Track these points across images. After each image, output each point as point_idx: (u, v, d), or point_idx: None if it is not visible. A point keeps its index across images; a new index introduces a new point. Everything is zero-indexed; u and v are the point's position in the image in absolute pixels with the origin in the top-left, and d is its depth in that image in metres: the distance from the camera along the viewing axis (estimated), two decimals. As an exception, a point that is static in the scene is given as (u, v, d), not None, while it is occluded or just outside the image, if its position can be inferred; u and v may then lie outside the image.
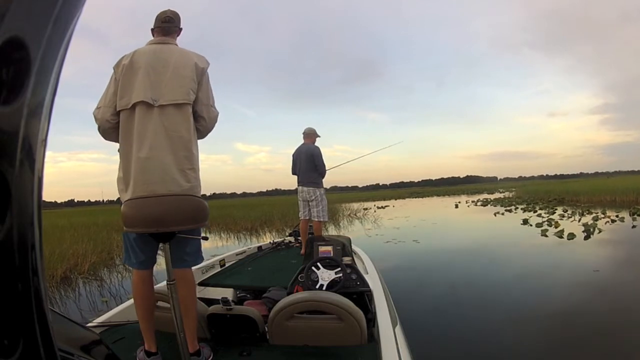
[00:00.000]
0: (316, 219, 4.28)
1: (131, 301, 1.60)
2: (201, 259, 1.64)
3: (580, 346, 2.67)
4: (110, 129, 1.49)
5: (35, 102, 0.30)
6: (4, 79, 0.27)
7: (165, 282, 1.37)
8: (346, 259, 2.21)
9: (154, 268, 1.62)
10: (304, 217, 4.40)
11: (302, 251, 3.81)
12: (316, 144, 4.46)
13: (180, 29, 1.65)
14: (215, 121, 1.61)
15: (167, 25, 1.58)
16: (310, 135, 4.46)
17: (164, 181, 1.39)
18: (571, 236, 7.25)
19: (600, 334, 2.81)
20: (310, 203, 4.32)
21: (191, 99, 1.49)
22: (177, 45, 1.59)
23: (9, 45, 0.27)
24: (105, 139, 1.53)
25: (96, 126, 1.51)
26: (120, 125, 1.47)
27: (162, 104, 1.43)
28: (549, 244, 6.90)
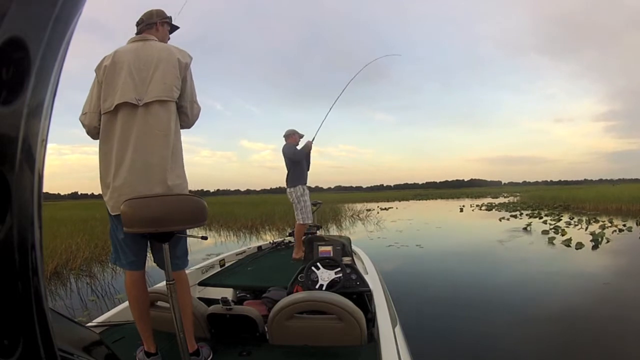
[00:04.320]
0: (297, 222, 4.09)
1: None
2: (187, 262, 1.61)
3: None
4: (97, 134, 1.48)
5: (35, 102, 0.30)
6: (4, 79, 0.27)
7: (164, 282, 1.37)
8: (346, 259, 2.21)
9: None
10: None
11: (294, 255, 3.64)
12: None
13: (164, 22, 1.61)
14: (198, 117, 1.59)
15: (139, 28, 1.58)
16: (289, 135, 4.31)
17: (148, 181, 1.38)
18: (579, 245, 7.01)
19: (616, 351, 2.71)
20: (293, 205, 4.18)
21: (175, 96, 1.47)
22: (156, 40, 1.56)
23: (9, 45, 0.27)
24: (94, 139, 1.52)
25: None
26: (102, 126, 1.44)
27: (147, 102, 1.41)
28: (556, 252, 6.71)
